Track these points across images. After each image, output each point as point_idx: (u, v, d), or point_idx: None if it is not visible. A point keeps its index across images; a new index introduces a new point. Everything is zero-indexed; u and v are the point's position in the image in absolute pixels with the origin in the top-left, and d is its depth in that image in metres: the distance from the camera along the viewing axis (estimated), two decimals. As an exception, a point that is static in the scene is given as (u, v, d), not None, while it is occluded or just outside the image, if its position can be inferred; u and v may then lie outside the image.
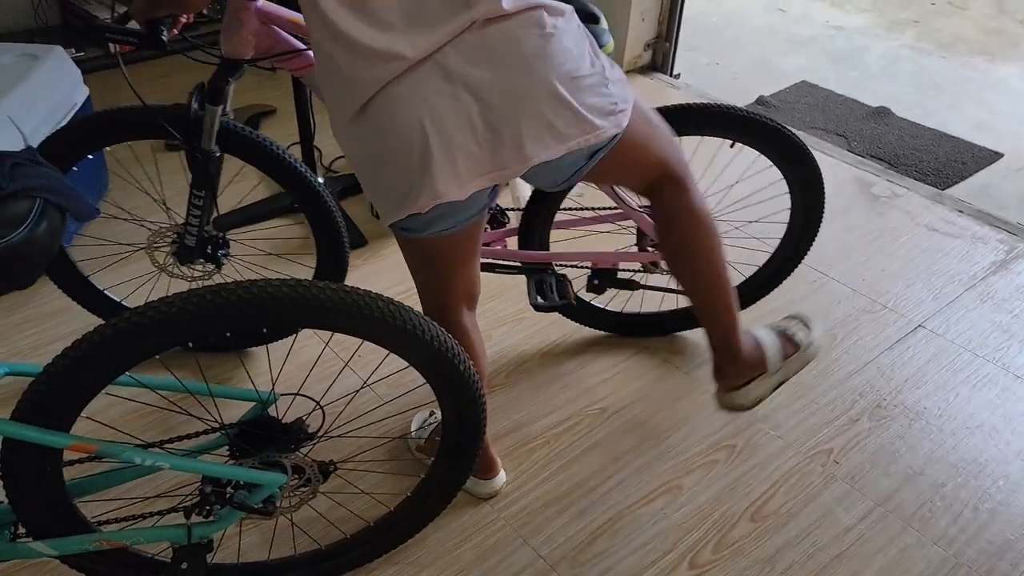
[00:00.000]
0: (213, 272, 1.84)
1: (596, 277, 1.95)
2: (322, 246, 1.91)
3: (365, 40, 1.11)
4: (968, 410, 1.94)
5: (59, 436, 1.11)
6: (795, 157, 1.81)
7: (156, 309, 1.08)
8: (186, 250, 1.78)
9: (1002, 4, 4.66)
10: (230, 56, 1.55)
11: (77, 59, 2.97)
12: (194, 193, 1.70)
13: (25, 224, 0.94)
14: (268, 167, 1.77)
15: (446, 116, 1.13)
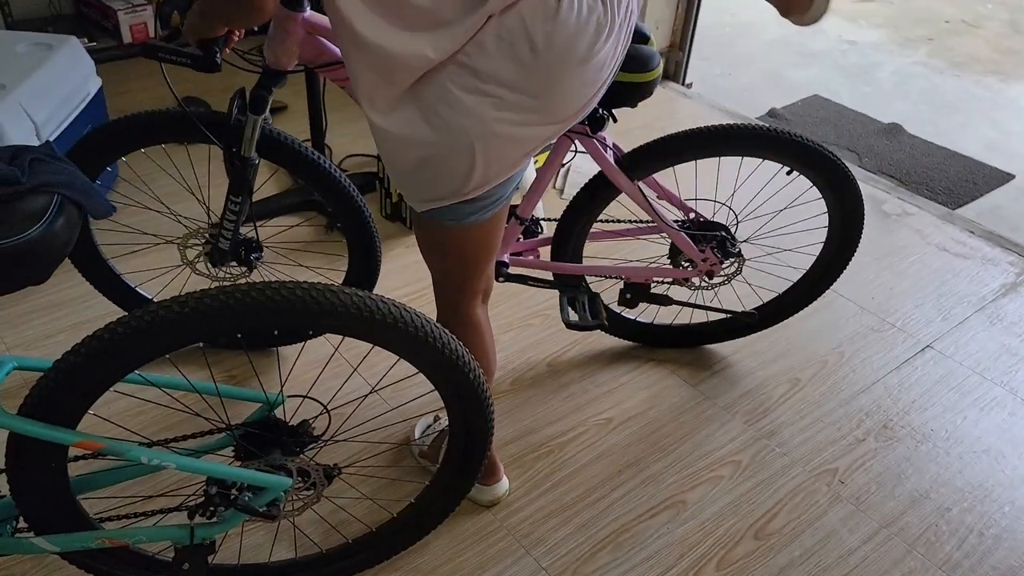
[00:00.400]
0: (242, 275, 1.84)
1: (629, 291, 1.94)
2: (355, 252, 1.89)
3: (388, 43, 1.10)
4: (975, 434, 1.93)
5: (66, 433, 1.10)
6: (839, 183, 1.79)
7: (168, 308, 1.07)
8: (219, 253, 1.77)
9: (1016, 24, 4.65)
10: (274, 66, 1.54)
11: (90, 49, 2.97)
12: (231, 199, 1.68)
13: (43, 220, 0.93)
14: (304, 173, 1.76)
15: (485, 113, 1.14)
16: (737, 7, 4.58)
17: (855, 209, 1.83)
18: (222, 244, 1.76)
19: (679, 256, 1.89)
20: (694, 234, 1.84)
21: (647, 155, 1.75)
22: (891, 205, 2.79)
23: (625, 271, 1.92)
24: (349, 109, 3.02)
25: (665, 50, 3.53)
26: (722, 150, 1.75)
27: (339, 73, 1.56)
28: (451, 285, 1.46)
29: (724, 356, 2.11)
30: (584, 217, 1.83)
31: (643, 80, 1.61)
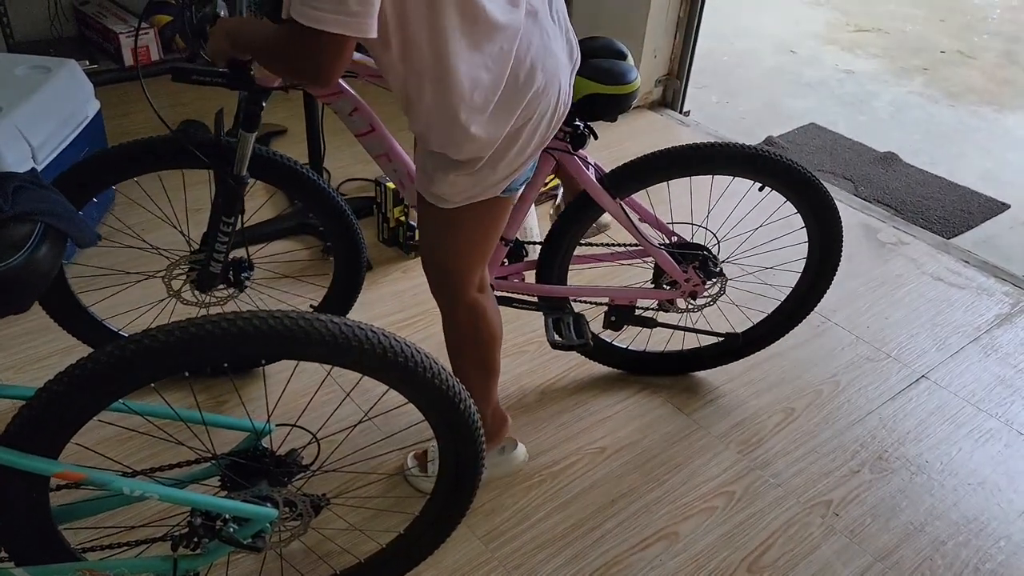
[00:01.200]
0: (232, 296, 1.83)
1: (614, 314, 1.93)
2: (340, 273, 1.90)
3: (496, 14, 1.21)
4: (970, 466, 1.91)
5: (47, 463, 1.08)
6: (817, 202, 1.80)
7: (153, 338, 1.06)
8: (208, 276, 1.76)
9: (1012, 54, 4.69)
10: (262, 83, 1.55)
11: (90, 71, 2.98)
12: (223, 220, 1.67)
13: (25, 248, 0.92)
14: (298, 191, 1.77)
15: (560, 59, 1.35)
16: (735, 36, 4.61)
17: (832, 227, 1.84)
18: (213, 267, 1.75)
19: (662, 277, 1.90)
20: (676, 254, 1.85)
21: (629, 173, 1.77)
22: (886, 234, 2.79)
23: (610, 293, 1.92)
24: (348, 133, 3.02)
25: (663, 78, 3.55)
26: (704, 168, 1.77)
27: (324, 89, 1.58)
28: (476, 267, 1.51)
29: (718, 385, 2.09)
30: (568, 237, 1.83)
31: (623, 92, 1.62)
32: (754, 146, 1.76)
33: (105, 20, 3.33)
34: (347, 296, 1.95)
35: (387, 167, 1.73)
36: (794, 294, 1.97)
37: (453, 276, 1.52)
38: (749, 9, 5.13)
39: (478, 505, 1.72)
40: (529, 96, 1.30)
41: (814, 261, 1.90)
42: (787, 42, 4.62)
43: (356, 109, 1.62)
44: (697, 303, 1.92)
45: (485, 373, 1.66)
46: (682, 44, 3.46)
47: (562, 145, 1.68)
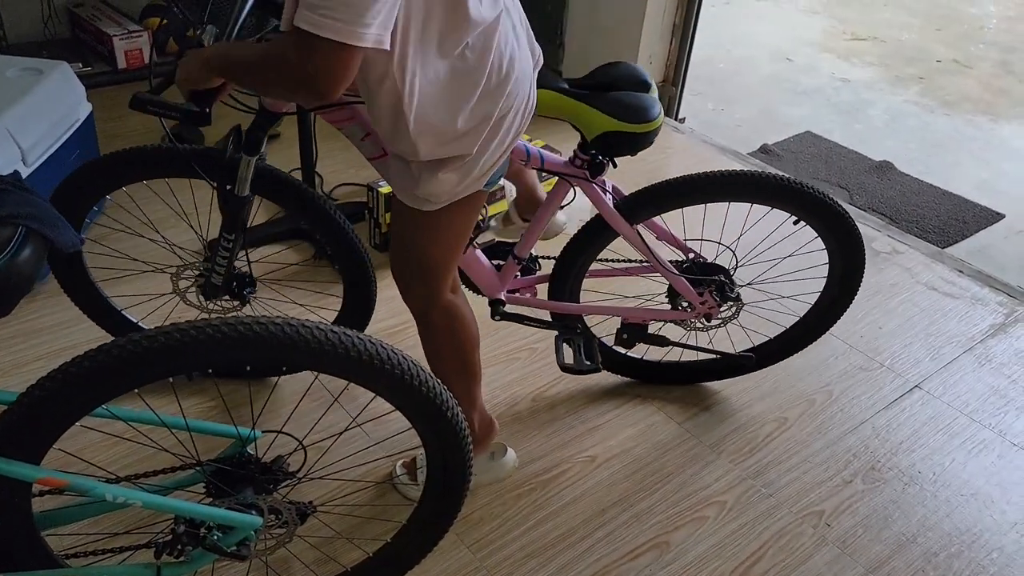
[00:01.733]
0: (234, 309, 1.83)
1: (626, 331, 1.91)
2: (350, 290, 1.88)
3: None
4: (963, 477, 1.90)
5: (29, 468, 1.07)
6: (842, 234, 1.78)
7: (137, 343, 1.05)
8: (211, 287, 1.76)
9: (1007, 64, 4.70)
10: (271, 107, 1.54)
11: (83, 74, 2.97)
12: (224, 236, 1.67)
13: (6, 251, 0.91)
14: (299, 210, 1.75)
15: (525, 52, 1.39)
16: (731, 44, 4.62)
17: (856, 261, 1.82)
18: (215, 279, 1.75)
19: (678, 298, 1.88)
20: (693, 279, 1.83)
21: (647, 199, 1.73)
22: (881, 243, 2.78)
23: (622, 311, 1.91)
24: (340, 138, 3.01)
25: (658, 85, 3.54)
26: (723, 196, 1.73)
27: (334, 116, 1.58)
28: (449, 266, 1.52)
29: (711, 394, 2.08)
30: (581, 258, 1.82)
31: (643, 131, 1.58)
32: (773, 174, 1.72)
33: (99, 22, 3.31)
34: (362, 310, 1.93)
35: None
36: (805, 319, 1.96)
37: (430, 278, 1.51)
38: (746, 17, 5.14)
39: (467, 513, 1.71)
40: (509, 86, 1.32)
41: (833, 287, 1.88)
42: (783, 50, 4.62)
43: (368, 134, 1.59)
44: (710, 324, 1.90)
45: (467, 377, 1.65)
46: (678, 50, 3.45)
47: (580, 173, 1.66)
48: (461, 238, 1.51)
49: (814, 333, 1.96)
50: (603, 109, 1.54)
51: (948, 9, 5.56)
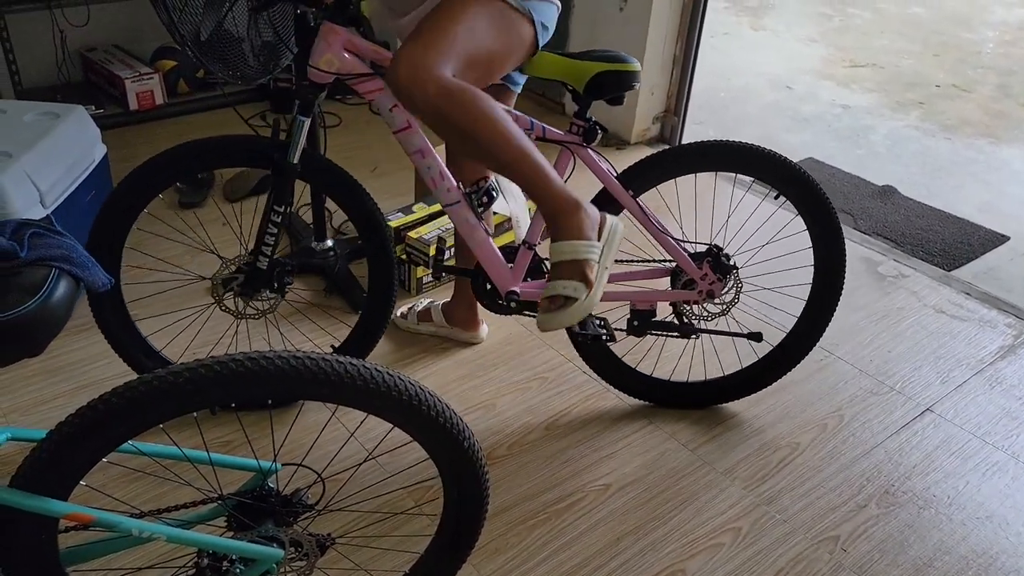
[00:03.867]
0: (274, 306, 1.90)
1: (635, 318, 1.96)
2: (374, 288, 1.98)
3: None
4: (978, 499, 1.91)
5: (58, 504, 1.09)
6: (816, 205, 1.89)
7: (163, 379, 1.07)
8: (256, 275, 1.84)
9: (1006, 87, 4.75)
10: (314, 79, 1.72)
11: (96, 116, 3.03)
12: (274, 209, 1.79)
13: (40, 294, 0.94)
14: (345, 199, 1.90)
15: None
16: (731, 73, 4.68)
17: (833, 232, 1.92)
18: (260, 263, 1.83)
19: (680, 277, 1.94)
20: (690, 252, 1.91)
21: (644, 168, 1.86)
22: (887, 267, 2.80)
23: (629, 296, 1.96)
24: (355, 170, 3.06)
25: (660, 115, 3.59)
26: (714, 165, 1.87)
27: (368, 85, 1.73)
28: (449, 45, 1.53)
29: (723, 420, 2.10)
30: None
31: (628, 69, 1.74)
32: (760, 147, 1.86)
33: (111, 66, 3.39)
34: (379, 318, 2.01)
35: (421, 163, 1.79)
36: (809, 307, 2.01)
37: (437, 45, 1.51)
38: (745, 47, 5.22)
39: (483, 543, 1.72)
40: None
41: (821, 267, 1.96)
42: (783, 78, 4.68)
43: (396, 105, 1.72)
44: (712, 309, 1.95)
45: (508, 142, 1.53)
46: (679, 81, 3.51)
47: (576, 139, 1.78)
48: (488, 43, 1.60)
49: (823, 315, 2.00)
50: (592, 59, 1.75)
51: (945, 35, 5.64)
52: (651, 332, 1.96)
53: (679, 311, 1.98)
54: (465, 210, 1.79)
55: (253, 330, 2.24)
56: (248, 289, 1.86)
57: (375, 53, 1.72)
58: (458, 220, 1.82)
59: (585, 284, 1.54)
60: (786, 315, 2.07)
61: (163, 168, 1.79)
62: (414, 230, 2.45)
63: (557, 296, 1.55)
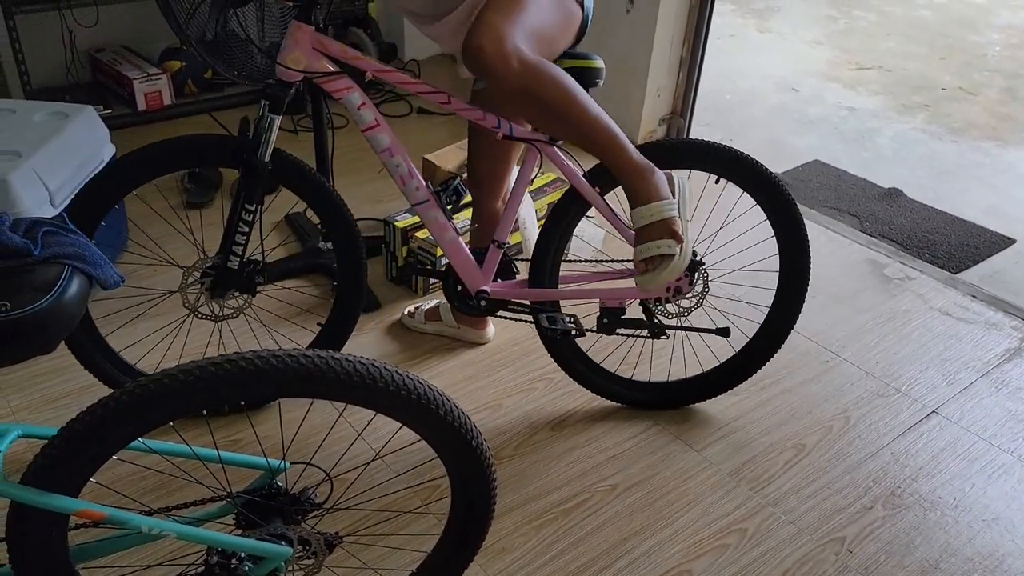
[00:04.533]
0: (245, 306, 1.89)
1: (605, 316, 1.96)
2: (340, 295, 1.99)
3: None
4: (984, 502, 1.90)
5: (69, 501, 1.10)
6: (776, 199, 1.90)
7: (173, 377, 1.08)
8: (226, 276, 1.83)
9: (1013, 90, 4.74)
10: (282, 74, 1.73)
11: (104, 116, 3.04)
12: (245, 208, 1.78)
13: (53, 291, 0.95)
14: (315, 200, 1.90)
15: None
16: (737, 75, 4.68)
17: (795, 225, 1.92)
18: (231, 263, 1.82)
19: None
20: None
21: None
22: (892, 269, 2.80)
23: (599, 293, 1.96)
24: (356, 174, 3.08)
25: (666, 117, 3.60)
26: (674, 163, 1.87)
27: (334, 84, 1.74)
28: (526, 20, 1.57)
29: (728, 421, 2.10)
30: (556, 236, 1.91)
31: (592, 66, 1.75)
32: (714, 142, 1.89)
33: (120, 67, 3.40)
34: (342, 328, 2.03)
35: (389, 162, 1.81)
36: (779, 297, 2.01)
37: (516, 29, 1.54)
38: (751, 49, 5.21)
39: (489, 543, 1.72)
40: None
41: (785, 256, 1.96)
42: (789, 81, 4.68)
43: (363, 103, 1.76)
44: (683, 305, 1.95)
45: (585, 111, 1.61)
46: (685, 83, 3.51)
47: (542, 137, 1.78)
48: (553, 20, 1.64)
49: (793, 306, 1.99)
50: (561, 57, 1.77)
51: (951, 38, 5.63)
52: (620, 331, 1.96)
53: (648, 309, 1.97)
54: (434, 209, 1.83)
55: (243, 332, 2.24)
56: (219, 290, 1.85)
57: (343, 52, 1.74)
58: (427, 219, 1.84)
59: (676, 240, 1.67)
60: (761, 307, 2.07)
61: (133, 168, 1.77)
62: (421, 230, 2.45)
63: (653, 257, 1.68)
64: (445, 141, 3.00)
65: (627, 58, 3.42)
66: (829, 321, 2.48)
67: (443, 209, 1.84)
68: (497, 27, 1.51)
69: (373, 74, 1.74)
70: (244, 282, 1.86)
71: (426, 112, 3.69)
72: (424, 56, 4.24)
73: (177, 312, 1.98)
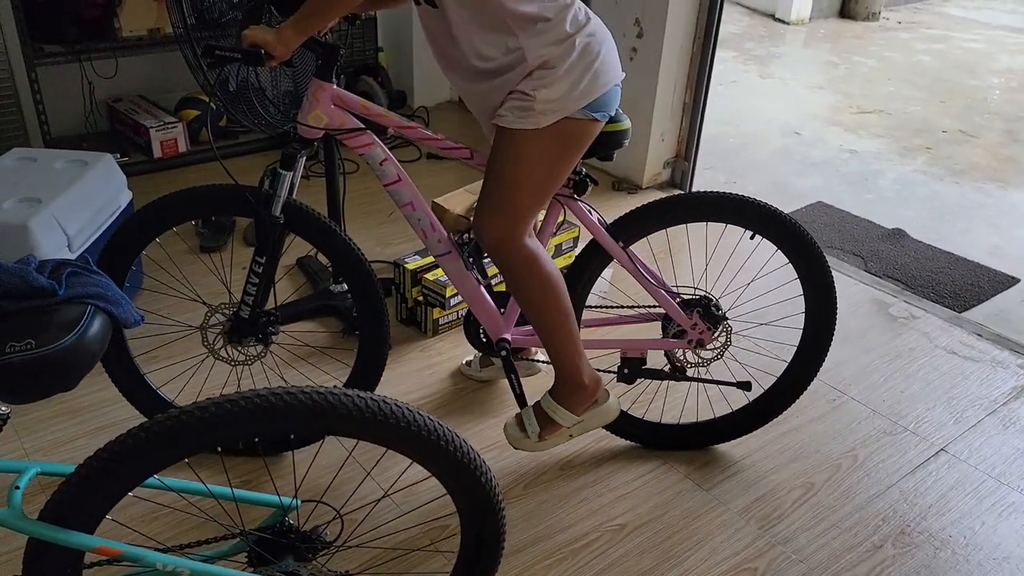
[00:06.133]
0: (260, 355, 1.91)
1: (625, 366, 1.98)
2: (365, 340, 1.99)
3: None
4: (994, 540, 1.90)
5: (86, 538, 1.12)
6: (804, 250, 1.90)
7: (189, 414, 1.11)
8: (239, 324, 1.84)
9: (1013, 133, 4.80)
10: (303, 132, 1.75)
11: (121, 163, 3.12)
12: (255, 260, 1.80)
13: (76, 330, 0.98)
14: (329, 249, 1.91)
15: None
16: (740, 120, 4.76)
17: (825, 283, 1.92)
18: (243, 312, 1.83)
19: (670, 326, 1.95)
20: (680, 301, 1.93)
21: (633, 220, 1.88)
22: (897, 308, 2.82)
23: (621, 344, 1.99)
24: (367, 218, 3.13)
25: (671, 160, 3.66)
26: (702, 216, 1.89)
27: (356, 140, 1.75)
28: (522, 205, 1.66)
29: (736, 460, 2.10)
30: (579, 285, 1.92)
31: (618, 129, 1.77)
32: (746, 196, 1.90)
33: (136, 116, 3.49)
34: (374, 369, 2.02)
35: (412, 215, 1.83)
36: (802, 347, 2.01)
37: (512, 210, 1.66)
38: (753, 94, 5.30)
39: (499, 583, 1.72)
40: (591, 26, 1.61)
41: (811, 308, 1.96)
42: (792, 124, 4.76)
43: (386, 159, 1.78)
44: (704, 356, 1.97)
45: (561, 316, 1.75)
46: (688, 127, 3.58)
47: (566, 191, 1.81)
48: (551, 175, 1.67)
49: (815, 359, 2.00)
50: None
51: (951, 83, 5.72)
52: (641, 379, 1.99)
53: (671, 357, 2.01)
54: (456, 260, 1.84)
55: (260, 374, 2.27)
56: (234, 337, 1.87)
57: (363, 108, 1.75)
58: (449, 269, 1.86)
59: (541, 436, 1.85)
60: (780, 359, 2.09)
61: (153, 217, 1.82)
62: (431, 272, 2.49)
63: (521, 420, 1.87)
64: (453, 185, 3.06)
65: (632, 103, 3.48)
66: (836, 360, 2.49)
67: (464, 260, 1.85)
68: (496, 223, 1.67)
69: (395, 130, 1.77)
70: (258, 332, 1.88)
71: (435, 157, 3.76)
72: (433, 103, 4.33)
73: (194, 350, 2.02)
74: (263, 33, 1.60)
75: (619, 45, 1.75)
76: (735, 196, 1.89)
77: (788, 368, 2.02)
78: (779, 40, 6.74)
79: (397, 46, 4.26)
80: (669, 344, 1.96)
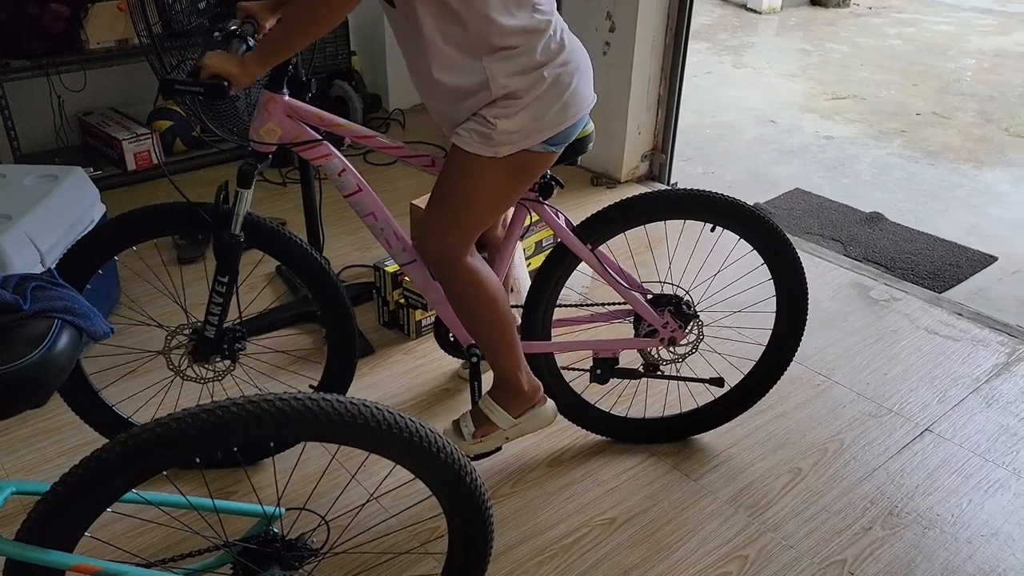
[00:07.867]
0: (228, 370, 1.87)
1: (599, 367, 1.97)
2: (333, 348, 1.96)
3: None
4: (982, 517, 1.91)
5: (64, 556, 1.10)
6: (775, 245, 1.88)
7: (165, 426, 1.09)
8: (204, 344, 1.80)
9: (986, 113, 4.84)
10: (256, 146, 1.70)
11: (94, 177, 3.08)
12: (217, 280, 1.76)
13: (43, 344, 0.96)
14: (292, 261, 1.87)
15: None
16: (715, 110, 4.77)
17: (793, 269, 1.91)
18: (208, 332, 1.79)
19: (641, 325, 1.95)
20: (650, 300, 1.92)
21: (599, 221, 1.86)
22: (878, 291, 2.83)
23: (592, 345, 1.98)
24: (346, 222, 3.11)
25: (648, 153, 3.66)
26: (668, 214, 1.87)
27: (313, 152, 1.71)
28: (468, 225, 1.66)
29: (724, 449, 2.10)
30: (547, 289, 1.90)
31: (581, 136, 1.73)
32: (714, 192, 1.88)
33: (108, 128, 3.46)
34: (343, 378, 2.00)
35: (374, 226, 1.81)
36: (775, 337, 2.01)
37: (458, 228, 1.65)
38: (727, 84, 5.32)
39: (490, 583, 1.71)
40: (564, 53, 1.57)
41: (783, 298, 1.96)
42: (767, 113, 4.77)
43: (344, 170, 1.75)
44: (678, 351, 1.97)
45: (504, 331, 1.76)
46: (664, 120, 3.58)
47: (532, 195, 1.79)
48: (507, 195, 1.67)
49: (788, 346, 1.99)
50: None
51: (923, 66, 5.76)
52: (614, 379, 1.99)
53: (644, 355, 2.01)
54: (422, 268, 1.82)
55: (244, 382, 2.25)
56: (200, 354, 1.82)
57: (318, 119, 1.70)
58: (416, 277, 1.84)
59: (475, 437, 1.86)
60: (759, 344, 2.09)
61: (112, 235, 1.77)
62: (410, 275, 2.48)
63: (458, 424, 1.88)
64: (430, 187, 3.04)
65: (607, 98, 3.49)
66: (818, 345, 2.51)
67: (428, 268, 1.82)
68: (439, 239, 1.67)
69: (353, 139, 1.72)
70: (224, 350, 1.83)
71: (412, 159, 3.74)
72: (408, 106, 4.32)
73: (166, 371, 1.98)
74: (224, 63, 1.51)
75: (591, 39, 1.73)
76: (691, 191, 1.87)
77: (765, 352, 2.03)
78: (752, 30, 6.76)
79: (370, 50, 4.24)
80: (641, 343, 1.96)
